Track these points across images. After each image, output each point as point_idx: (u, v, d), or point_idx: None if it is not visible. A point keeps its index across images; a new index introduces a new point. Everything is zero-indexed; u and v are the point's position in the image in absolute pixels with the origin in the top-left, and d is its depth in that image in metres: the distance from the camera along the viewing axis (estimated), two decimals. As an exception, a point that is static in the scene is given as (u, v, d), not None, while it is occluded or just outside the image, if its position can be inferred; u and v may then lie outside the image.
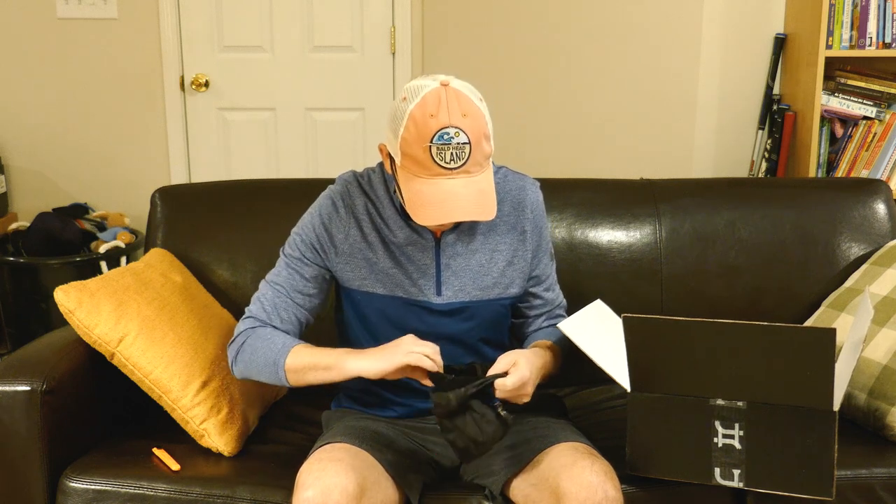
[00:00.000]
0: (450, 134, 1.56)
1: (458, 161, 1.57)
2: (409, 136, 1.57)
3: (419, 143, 1.56)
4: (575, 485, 1.54)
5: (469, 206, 1.58)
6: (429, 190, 1.58)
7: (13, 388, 1.77)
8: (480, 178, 1.60)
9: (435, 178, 1.58)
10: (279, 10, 3.58)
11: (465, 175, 1.58)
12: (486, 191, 1.61)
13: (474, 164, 1.59)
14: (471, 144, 1.57)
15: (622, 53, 3.55)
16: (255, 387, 2.01)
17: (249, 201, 2.33)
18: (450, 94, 1.58)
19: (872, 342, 1.97)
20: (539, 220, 1.85)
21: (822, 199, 2.33)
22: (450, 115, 1.56)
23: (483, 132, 1.59)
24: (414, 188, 1.60)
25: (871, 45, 3.15)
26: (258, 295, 1.81)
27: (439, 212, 1.57)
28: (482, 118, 1.60)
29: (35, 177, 3.69)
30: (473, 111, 1.58)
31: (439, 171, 1.57)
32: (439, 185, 1.58)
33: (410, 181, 1.60)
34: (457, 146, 1.56)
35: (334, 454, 1.59)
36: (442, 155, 1.56)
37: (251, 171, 3.69)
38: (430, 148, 1.56)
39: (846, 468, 1.75)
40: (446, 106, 1.56)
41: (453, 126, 1.56)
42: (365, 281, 1.78)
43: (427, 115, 1.56)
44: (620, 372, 1.76)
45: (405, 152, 1.59)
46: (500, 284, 1.80)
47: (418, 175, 1.59)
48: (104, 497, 1.76)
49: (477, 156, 1.59)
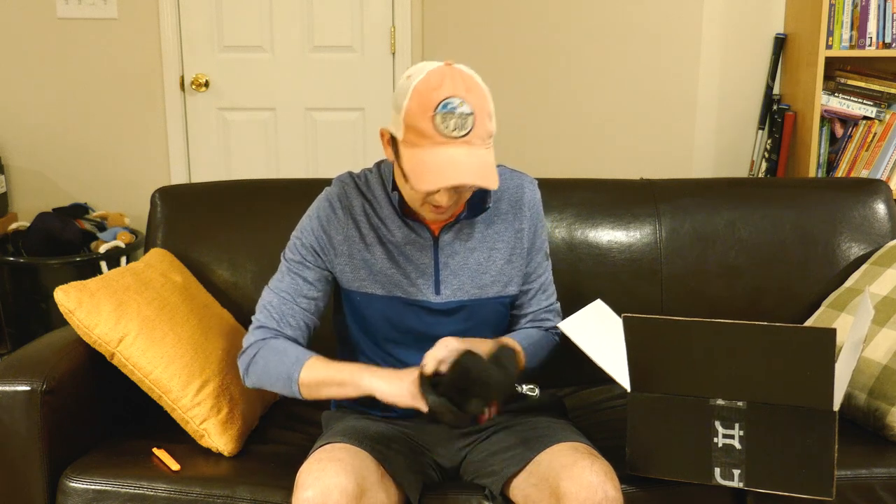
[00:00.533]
0: (454, 103, 1.56)
1: (461, 130, 1.56)
2: (413, 107, 1.57)
3: (423, 113, 1.56)
4: (575, 485, 1.54)
5: (471, 173, 1.56)
6: (431, 158, 1.57)
7: (13, 388, 1.77)
8: (483, 152, 1.60)
9: (437, 147, 1.57)
10: (279, 10, 3.58)
11: (468, 145, 1.58)
12: (489, 163, 1.60)
13: (477, 136, 1.58)
14: (474, 115, 1.57)
15: (622, 53, 3.55)
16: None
17: (249, 201, 2.33)
18: (454, 72, 1.59)
19: (872, 342, 1.97)
20: (536, 218, 1.85)
21: (822, 199, 2.33)
22: (454, 86, 1.57)
23: (486, 109, 1.60)
24: (416, 158, 1.58)
25: (871, 45, 3.16)
26: (263, 303, 1.79)
27: (440, 177, 1.56)
28: (485, 96, 1.61)
29: (35, 177, 3.69)
30: (477, 88, 1.60)
31: (442, 140, 1.57)
32: (441, 152, 1.57)
33: (412, 153, 1.59)
34: (460, 115, 1.56)
35: (334, 454, 1.59)
36: (446, 123, 1.56)
37: (251, 171, 3.69)
38: (435, 117, 1.56)
39: (846, 468, 1.75)
40: (451, 80, 1.58)
41: (457, 96, 1.56)
42: (364, 282, 1.78)
43: (431, 88, 1.57)
44: (620, 372, 1.76)
45: (408, 124, 1.58)
46: (498, 282, 1.80)
47: (421, 146, 1.58)
48: (104, 497, 1.76)
49: (480, 130, 1.58)
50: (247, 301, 2.21)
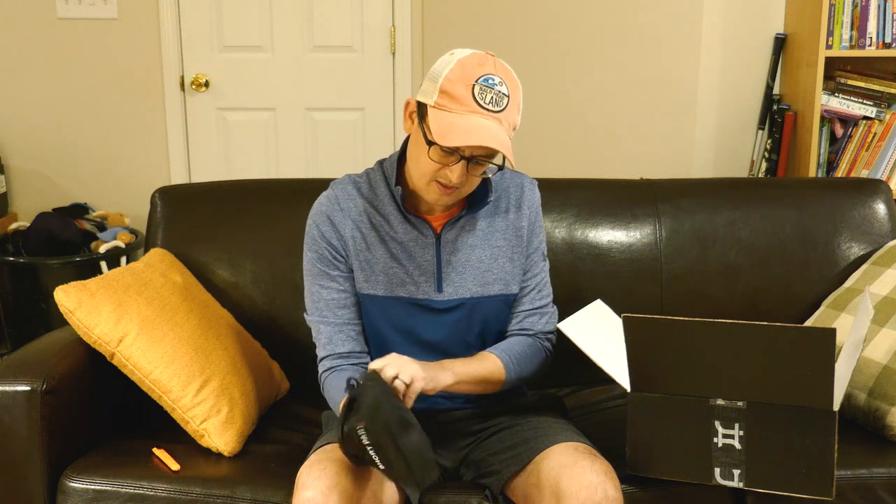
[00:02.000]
0: (494, 80, 1.62)
1: (496, 106, 1.61)
2: (454, 76, 1.61)
3: (463, 81, 1.60)
4: (575, 485, 1.54)
5: (498, 141, 1.59)
6: (461, 121, 1.60)
7: (13, 388, 1.77)
8: (507, 136, 1.63)
9: (469, 114, 1.60)
10: (279, 10, 3.58)
11: (497, 122, 1.62)
12: (509, 144, 1.62)
13: (506, 119, 1.63)
14: (509, 98, 1.62)
15: (622, 54, 3.55)
16: (255, 387, 2.01)
17: (249, 201, 2.33)
18: (497, 60, 1.66)
19: (872, 342, 1.97)
20: (535, 218, 1.85)
21: (822, 199, 2.33)
22: (496, 68, 1.63)
23: (518, 101, 1.66)
24: (446, 119, 1.61)
25: (871, 45, 3.16)
26: (314, 336, 1.81)
27: (469, 136, 1.58)
28: (520, 91, 1.67)
29: (35, 177, 3.69)
30: (515, 81, 1.67)
31: (476, 109, 1.60)
32: (471, 118, 1.60)
33: (442, 115, 1.61)
34: (498, 93, 1.61)
35: (334, 454, 1.59)
36: (483, 95, 1.60)
37: (251, 171, 3.69)
38: (474, 87, 1.60)
39: (846, 468, 1.74)
40: (493, 64, 1.64)
41: (498, 76, 1.62)
42: (366, 283, 1.78)
43: (476, 64, 1.63)
44: (620, 372, 1.76)
45: (445, 90, 1.61)
46: (500, 281, 1.80)
47: (453, 110, 1.61)
48: (104, 497, 1.76)
49: (510, 114, 1.63)
50: (247, 301, 2.22)
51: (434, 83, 1.63)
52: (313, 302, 1.80)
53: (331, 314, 1.78)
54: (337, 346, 1.78)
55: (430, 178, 1.66)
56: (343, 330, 1.78)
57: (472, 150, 1.61)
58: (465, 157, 1.62)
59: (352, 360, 1.78)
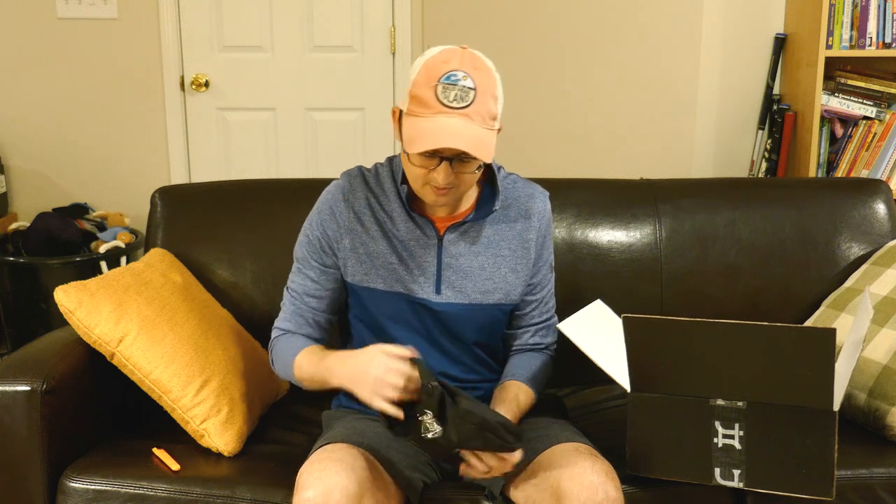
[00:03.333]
0: (457, 76, 1.60)
1: (460, 102, 1.59)
2: (420, 79, 1.61)
3: (427, 83, 1.60)
4: (576, 485, 1.54)
5: (463, 140, 1.58)
6: (426, 125, 1.60)
7: (13, 388, 1.77)
8: (481, 129, 1.61)
9: (435, 115, 1.60)
10: (279, 10, 3.58)
11: (466, 118, 1.60)
12: (485, 139, 1.60)
13: (477, 112, 1.60)
14: (476, 91, 1.60)
15: (622, 53, 3.55)
16: (256, 387, 2.01)
17: (249, 201, 2.33)
18: (466, 51, 1.64)
19: (872, 342, 1.97)
20: (544, 230, 1.85)
21: (822, 199, 2.33)
22: (461, 62, 1.61)
23: (491, 90, 1.63)
24: (413, 125, 1.61)
25: (871, 45, 3.16)
26: (282, 303, 1.86)
27: (430, 140, 1.58)
28: (493, 79, 1.64)
29: (35, 177, 3.69)
30: (487, 70, 1.64)
31: (440, 109, 1.59)
32: (437, 120, 1.59)
33: (412, 121, 1.62)
34: (462, 88, 1.59)
35: (335, 454, 1.59)
36: (446, 94, 1.59)
37: (251, 171, 3.69)
38: (437, 87, 1.59)
39: (846, 468, 1.74)
40: (460, 56, 1.62)
41: (462, 70, 1.60)
42: (366, 276, 1.78)
43: (440, 62, 1.61)
44: (620, 372, 1.76)
45: (413, 95, 1.62)
46: (500, 290, 1.80)
47: (421, 114, 1.61)
48: (104, 497, 1.76)
49: (480, 107, 1.60)
50: (247, 301, 2.22)
51: (408, 86, 1.64)
52: (291, 279, 1.85)
53: (299, 299, 1.82)
54: (297, 327, 1.83)
55: (422, 182, 1.67)
56: (304, 315, 1.82)
57: (449, 150, 1.61)
58: (445, 157, 1.62)
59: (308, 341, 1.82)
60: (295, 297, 1.83)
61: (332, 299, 1.83)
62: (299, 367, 1.76)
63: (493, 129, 1.64)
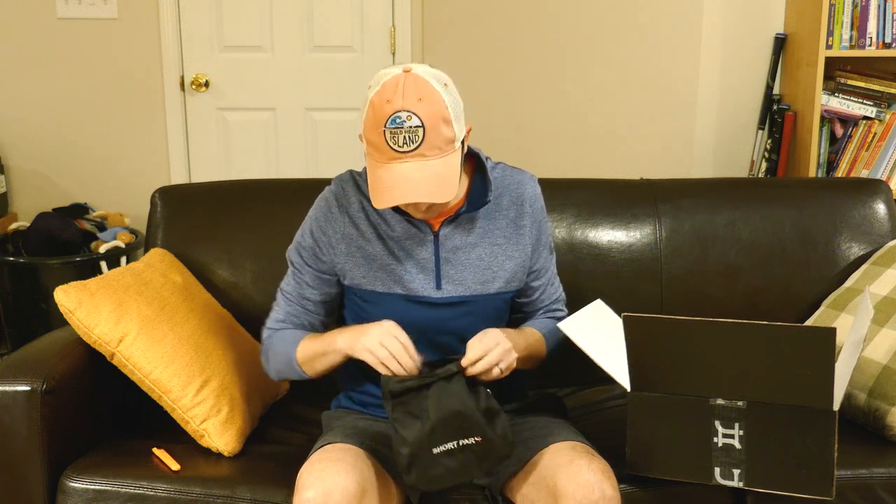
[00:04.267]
0: (402, 118, 1.58)
1: (410, 144, 1.59)
2: (368, 122, 1.62)
3: (375, 128, 1.60)
4: (572, 484, 1.54)
5: (421, 188, 1.59)
6: (385, 174, 1.61)
7: (13, 388, 1.77)
8: (437, 163, 1.61)
9: (390, 163, 1.61)
10: (279, 10, 3.58)
11: (420, 158, 1.60)
12: (444, 174, 1.61)
13: (430, 147, 1.60)
14: (424, 128, 1.59)
15: (622, 53, 3.55)
16: (256, 387, 2.01)
17: (249, 201, 2.33)
18: (408, 80, 1.61)
19: (872, 342, 1.97)
20: (538, 214, 1.85)
21: (822, 199, 2.33)
22: (404, 99, 1.59)
23: (441, 116, 1.60)
24: (374, 174, 1.63)
25: (871, 45, 3.16)
26: (274, 304, 1.87)
27: (391, 194, 1.59)
28: (440, 102, 1.61)
29: (35, 177, 3.69)
30: (431, 95, 1.60)
31: (393, 155, 1.60)
32: (393, 168, 1.60)
33: (372, 167, 1.64)
34: (409, 129, 1.58)
35: (335, 454, 1.59)
36: (395, 139, 1.59)
37: (251, 171, 3.69)
38: (385, 132, 1.59)
39: (846, 468, 1.75)
40: (402, 91, 1.60)
41: (405, 110, 1.58)
42: (364, 279, 1.78)
43: (384, 101, 1.60)
44: (620, 372, 1.76)
45: (366, 138, 1.63)
46: (500, 279, 1.80)
47: (377, 160, 1.63)
48: (104, 497, 1.76)
49: (433, 139, 1.60)
50: (247, 301, 2.22)
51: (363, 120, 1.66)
52: (286, 281, 1.86)
53: (295, 300, 1.84)
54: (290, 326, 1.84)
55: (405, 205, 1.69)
56: (298, 315, 1.84)
57: None
58: None
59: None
60: (290, 298, 1.84)
61: (328, 303, 1.84)
62: (303, 348, 1.77)
63: (453, 151, 1.63)
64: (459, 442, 1.57)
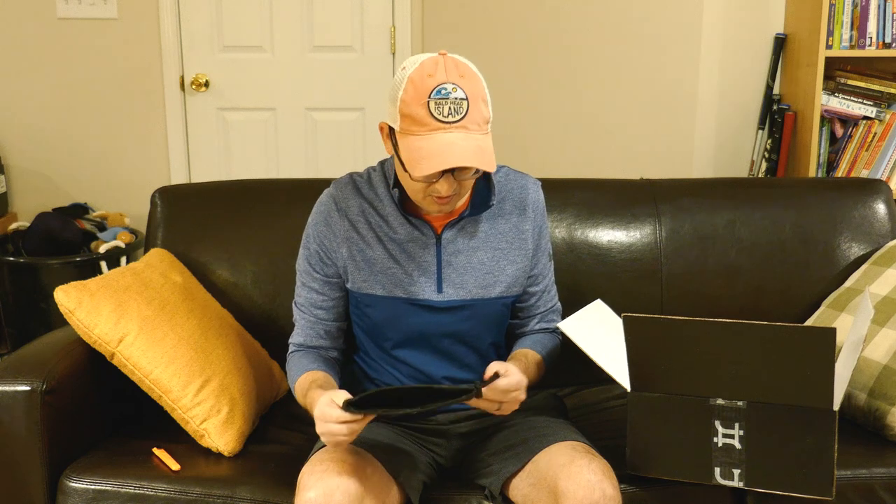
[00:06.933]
0: (447, 89, 1.58)
1: (455, 115, 1.58)
2: (408, 97, 1.59)
3: (418, 101, 1.58)
4: (573, 483, 1.54)
5: (468, 155, 1.57)
6: (427, 144, 1.58)
7: (13, 388, 1.77)
8: (480, 137, 1.61)
9: (433, 133, 1.58)
10: (279, 10, 3.58)
11: (463, 130, 1.59)
12: (485, 148, 1.60)
13: (472, 121, 1.59)
14: (468, 101, 1.59)
15: (622, 53, 3.55)
16: (255, 387, 2.01)
17: (249, 201, 2.33)
18: (447, 60, 1.61)
19: (872, 342, 1.97)
20: (539, 220, 1.85)
21: (822, 199, 2.33)
22: (447, 74, 1.59)
23: (481, 94, 1.61)
24: (413, 146, 1.60)
25: (871, 45, 3.16)
26: (293, 318, 1.87)
27: (437, 160, 1.57)
28: (480, 82, 1.62)
29: (35, 177, 3.69)
30: (471, 74, 1.62)
31: (437, 126, 1.58)
32: (437, 137, 1.58)
33: (408, 141, 1.60)
34: (454, 101, 1.58)
35: (336, 455, 1.59)
36: (440, 109, 1.58)
37: (251, 171, 3.69)
38: (429, 103, 1.57)
39: (846, 468, 1.75)
40: (444, 67, 1.60)
41: (451, 82, 1.58)
42: (365, 283, 1.78)
43: (425, 76, 1.59)
44: (620, 372, 1.76)
45: (404, 113, 1.60)
46: (502, 283, 1.80)
47: (416, 133, 1.59)
48: (104, 497, 1.76)
49: (475, 114, 1.60)
50: (247, 301, 2.22)
51: (394, 106, 1.62)
52: (297, 293, 1.86)
53: (308, 312, 1.83)
54: (308, 340, 1.84)
55: (423, 195, 1.67)
56: (314, 328, 1.83)
57: None
58: (446, 170, 1.61)
59: (320, 353, 1.83)
60: (304, 310, 1.83)
61: (340, 307, 1.84)
62: (297, 393, 1.78)
63: (489, 133, 1.64)
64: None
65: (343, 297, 1.83)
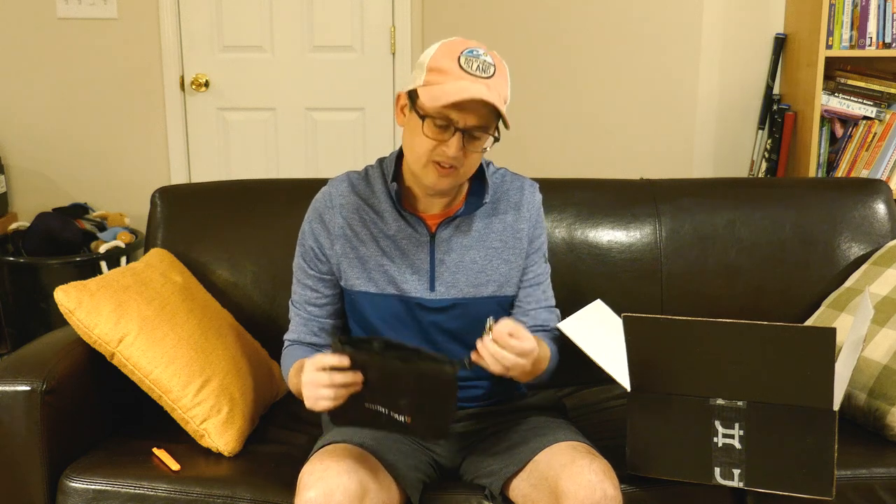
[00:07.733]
0: (479, 52, 1.65)
1: (483, 72, 1.63)
2: (439, 55, 1.65)
3: (448, 57, 1.63)
4: (574, 484, 1.54)
5: (493, 95, 1.61)
6: (451, 85, 1.61)
7: (13, 388, 1.77)
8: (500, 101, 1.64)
9: (459, 80, 1.62)
10: (279, 10, 3.58)
11: (487, 87, 1.62)
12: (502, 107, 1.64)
13: (495, 87, 1.63)
14: (496, 68, 1.64)
15: (622, 53, 3.55)
16: (255, 387, 2.01)
17: (249, 201, 2.33)
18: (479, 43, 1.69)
19: (872, 342, 1.97)
20: (535, 220, 1.85)
21: (822, 199, 2.33)
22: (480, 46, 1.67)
23: (506, 76, 1.68)
24: (436, 89, 1.62)
25: (871, 45, 3.16)
26: (289, 315, 1.89)
27: (456, 93, 1.60)
28: (505, 67, 1.68)
29: (35, 177, 3.69)
30: (500, 60, 1.68)
31: (464, 76, 1.62)
32: (461, 82, 1.62)
33: (432, 88, 1.63)
34: (484, 62, 1.64)
35: (336, 454, 1.59)
36: (469, 64, 1.63)
37: (251, 171, 3.69)
38: (460, 58, 1.63)
39: (846, 468, 1.75)
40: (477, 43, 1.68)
41: (483, 49, 1.66)
42: (358, 280, 1.78)
43: (459, 42, 1.67)
44: (620, 372, 1.76)
45: (432, 68, 1.64)
46: (494, 282, 1.80)
47: (441, 82, 1.62)
48: (104, 497, 1.76)
49: (499, 82, 1.64)
50: (247, 301, 2.22)
51: (421, 68, 1.66)
52: (293, 290, 1.87)
53: (302, 309, 1.84)
54: (303, 336, 1.85)
55: (427, 159, 1.66)
56: (308, 325, 1.84)
57: (465, 120, 1.61)
58: (459, 128, 1.62)
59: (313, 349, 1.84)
60: (299, 307, 1.84)
61: (334, 305, 1.84)
62: (290, 381, 1.79)
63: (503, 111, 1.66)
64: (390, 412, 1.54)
65: (338, 295, 1.83)
